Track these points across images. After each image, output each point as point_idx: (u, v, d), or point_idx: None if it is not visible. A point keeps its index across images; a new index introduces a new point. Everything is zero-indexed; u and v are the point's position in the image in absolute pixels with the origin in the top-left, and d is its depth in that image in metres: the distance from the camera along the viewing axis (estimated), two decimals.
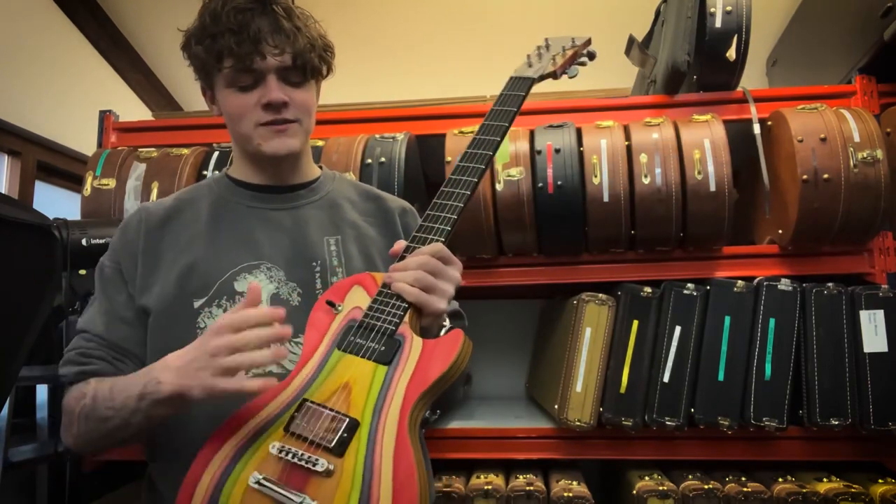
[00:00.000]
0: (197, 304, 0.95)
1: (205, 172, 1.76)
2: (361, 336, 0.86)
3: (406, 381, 0.81)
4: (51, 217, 1.42)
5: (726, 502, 1.52)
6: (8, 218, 1.23)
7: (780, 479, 1.57)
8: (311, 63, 0.94)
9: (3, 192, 2.36)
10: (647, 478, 1.58)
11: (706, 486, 1.53)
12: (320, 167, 1.11)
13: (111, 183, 1.75)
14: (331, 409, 0.80)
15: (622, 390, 1.58)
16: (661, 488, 1.53)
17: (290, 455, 0.77)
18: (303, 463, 0.76)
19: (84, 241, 1.50)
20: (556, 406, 1.62)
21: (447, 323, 0.93)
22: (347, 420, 0.78)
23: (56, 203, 2.71)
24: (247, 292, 0.83)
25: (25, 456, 1.63)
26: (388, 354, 0.83)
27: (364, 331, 0.86)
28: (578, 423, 1.58)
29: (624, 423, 1.58)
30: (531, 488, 1.55)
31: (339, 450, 0.76)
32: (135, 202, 1.72)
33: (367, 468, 0.75)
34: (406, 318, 0.86)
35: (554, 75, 1.13)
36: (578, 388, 1.59)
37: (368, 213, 1.07)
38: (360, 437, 0.78)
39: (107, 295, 0.97)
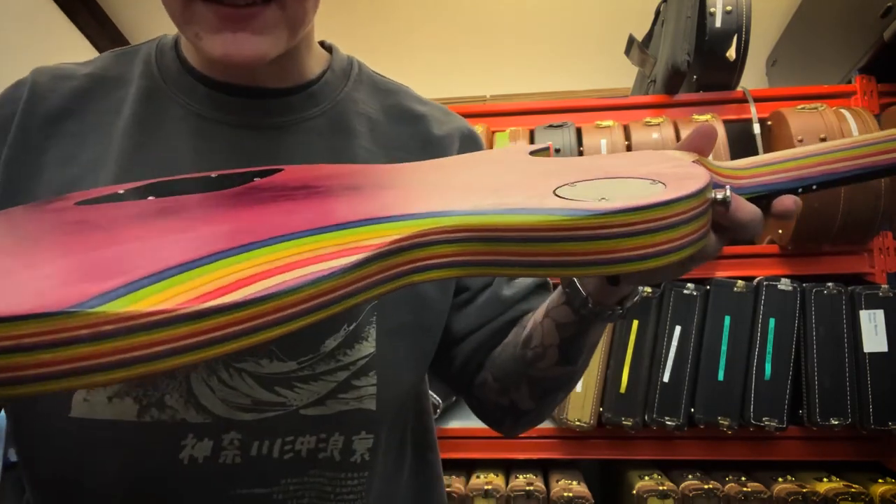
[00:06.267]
0: None
1: None
2: None
3: None
4: None
5: (726, 502, 1.52)
6: None
7: (780, 479, 1.56)
8: None
9: None
10: (647, 478, 1.58)
11: (706, 486, 1.53)
12: (329, 50, 0.69)
13: None
14: None
15: (622, 390, 1.58)
16: (661, 488, 1.53)
17: None
18: None
19: None
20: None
21: None
22: None
23: None
24: None
25: None
26: None
27: None
28: (578, 423, 1.58)
29: (624, 422, 1.58)
30: (531, 488, 1.55)
31: None
32: None
33: None
34: None
35: None
36: (578, 387, 1.59)
37: (398, 144, 0.64)
38: None
39: None
